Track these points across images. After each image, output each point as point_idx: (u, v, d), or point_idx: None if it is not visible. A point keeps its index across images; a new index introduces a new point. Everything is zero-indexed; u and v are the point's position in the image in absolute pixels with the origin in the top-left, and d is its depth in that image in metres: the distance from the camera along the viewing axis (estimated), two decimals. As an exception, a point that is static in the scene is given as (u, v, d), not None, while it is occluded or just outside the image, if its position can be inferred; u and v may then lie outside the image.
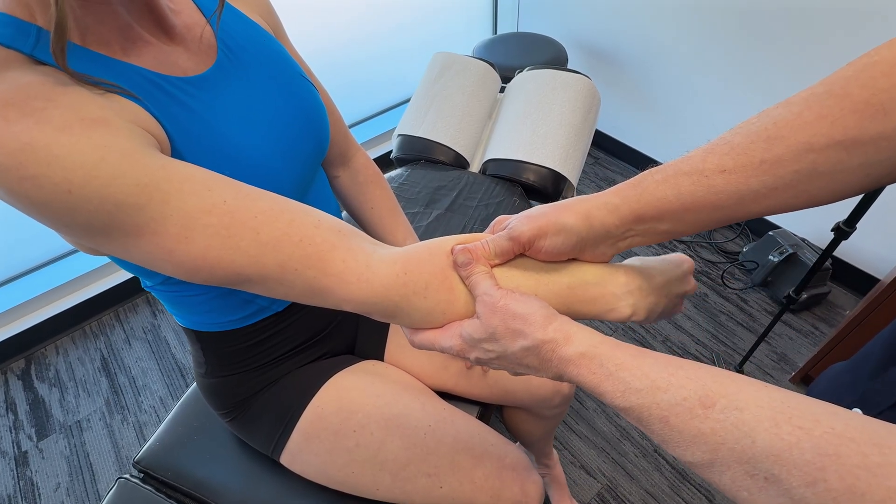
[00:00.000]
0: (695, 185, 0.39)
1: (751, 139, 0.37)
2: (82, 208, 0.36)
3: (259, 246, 0.40)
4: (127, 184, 0.37)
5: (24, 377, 1.61)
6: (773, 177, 0.36)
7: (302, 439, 0.71)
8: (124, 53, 0.46)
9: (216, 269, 0.40)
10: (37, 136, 0.34)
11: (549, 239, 0.42)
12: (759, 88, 1.61)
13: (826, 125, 0.34)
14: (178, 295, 0.62)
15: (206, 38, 0.54)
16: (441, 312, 0.44)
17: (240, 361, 0.71)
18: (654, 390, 0.34)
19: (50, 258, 1.66)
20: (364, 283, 0.42)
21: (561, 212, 0.43)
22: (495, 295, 0.41)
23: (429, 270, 0.43)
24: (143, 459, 0.83)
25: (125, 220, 0.37)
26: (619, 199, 0.42)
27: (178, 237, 0.39)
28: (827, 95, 0.35)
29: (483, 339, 0.41)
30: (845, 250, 1.63)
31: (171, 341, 1.69)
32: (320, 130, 0.65)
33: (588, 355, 0.37)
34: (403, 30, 2.06)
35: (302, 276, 0.41)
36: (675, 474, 1.31)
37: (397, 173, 1.33)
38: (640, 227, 0.43)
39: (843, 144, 0.34)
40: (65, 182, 0.35)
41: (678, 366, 0.35)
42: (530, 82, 1.37)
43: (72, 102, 0.37)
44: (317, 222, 0.43)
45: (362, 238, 0.45)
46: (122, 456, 1.42)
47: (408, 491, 0.70)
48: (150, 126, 0.44)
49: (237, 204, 0.40)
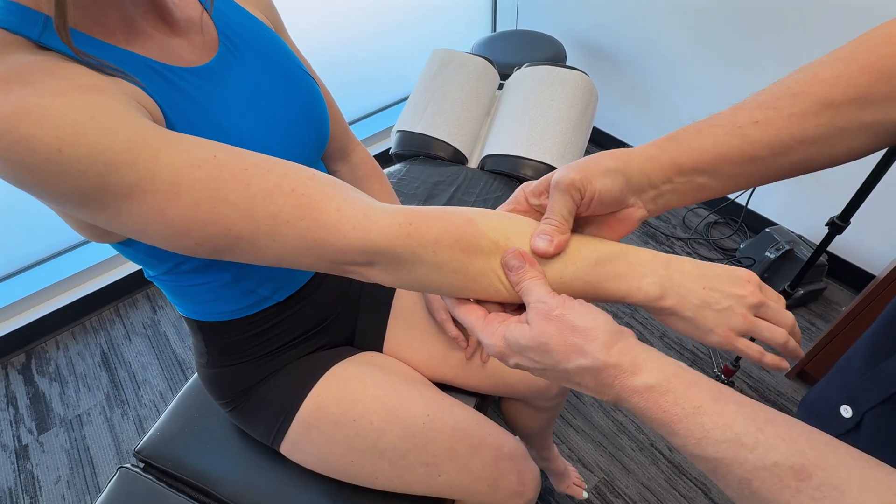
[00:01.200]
0: (730, 134, 0.40)
1: (776, 96, 0.40)
2: (73, 168, 0.36)
3: (249, 197, 0.38)
4: (117, 140, 0.37)
5: (25, 372, 1.61)
6: (800, 129, 0.39)
7: (302, 429, 0.72)
8: (128, 43, 0.47)
9: (207, 226, 0.39)
10: (31, 100, 0.35)
11: (600, 180, 0.39)
12: (757, 86, 1.61)
13: (842, 83, 0.38)
14: (180, 285, 0.63)
15: (207, 30, 0.55)
16: (454, 272, 0.41)
17: (241, 352, 0.72)
18: (738, 446, 0.30)
19: (50, 254, 1.67)
20: (361, 231, 0.39)
21: (599, 158, 0.41)
22: (551, 303, 0.37)
23: (439, 226, 0.40)
24: (143, 449, 0.83)
25: (116, 181, 0.37)
26: (656, 150, 0.42)
27: (168, 194, 0.38)
28: (837, 60, 0.39)
29: (531, 347, 0.37)
30: (841, 246, 1.64)
31: (170, 336, 1.69)
32: (321, 124, 0.66)
33: (659, 389, 0.33)
34: (403, 28, 2.07)
35: (295, 227, 0.39)
36: (671, 468, 1.32)
37: (396, 168, 1.34)
38: (679, 178, 0.42)
39: (857, 102, 0.38)
40: (56, 141, 0.35)
41: (767, 420, 0.31)
42: (528, 79, 1.37)
43: (71, 74, 0.38)
44: (311, 175, 0.41)
45: (360, 193, 0.43)
46: (122, 449, 1.43)
47: (407, 480, 0.71)
48: (152, 109, 0.45)
49: (227, 158, 0.39)
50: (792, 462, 0.29)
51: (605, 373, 0.35)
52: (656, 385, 0.33)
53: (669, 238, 1.91)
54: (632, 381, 0.34)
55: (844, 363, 0.52)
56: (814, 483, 0.28)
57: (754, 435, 0.30)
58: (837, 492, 0.27)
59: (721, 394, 0.33)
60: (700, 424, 0.31)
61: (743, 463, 0.30)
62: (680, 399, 0.32)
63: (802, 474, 0.28)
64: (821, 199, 1.62)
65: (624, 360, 0.34)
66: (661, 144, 0.42)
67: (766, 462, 0.29)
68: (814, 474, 0.28)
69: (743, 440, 0.30)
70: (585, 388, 0.37)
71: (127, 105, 0.40)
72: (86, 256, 1.72)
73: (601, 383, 0.35)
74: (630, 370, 0.34)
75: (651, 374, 0.34)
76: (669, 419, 0.32)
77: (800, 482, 0.28)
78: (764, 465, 0.29)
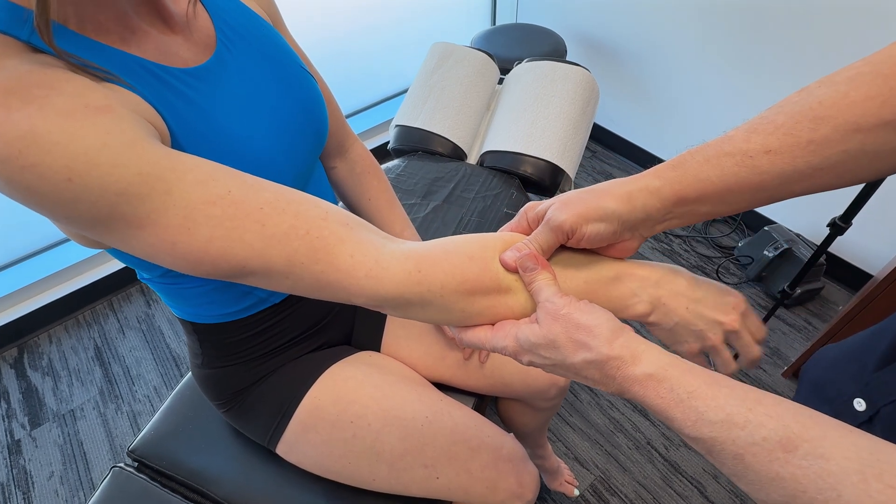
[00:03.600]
0: (738, 165, 0.38)
1: (796, 119, 0.36)
2: (84, 198, 0.35)
3: (265, 239, 0.39)
4: (130, 172, 0.36)
5: (17, 366, 1.60)
6: (820, 157, 0.36)
7: (299, 430, 0.71)
8: (123, 43, 0.45)
9: (220, 262, 0.39)
10: (38, 124, 0.33)
11: (591, 226, 0.41)
12: (759, 82, 1.61)
13: (875, 106, 0.34)
14: (174, 287, 0.62)
15: (204, 27, 0.53)
16: (461, 311, 0.43)
17: (237, 352, 0.70)
18: (730, 426, 0.32)
19: (43, 246, 1.65)
20: (373, 280, 0.41)
21: (601, 197, 0.41)
22: (558, 303, 0.39)
23: (444, 270, 0.42)
24: (137, 448, 0.82)
25: (127, 211, 0.37)
26: (660, 182, 0.41)
27: (181, 228, 0.38)
28: (874, 75, 0.35)
29: (541, 345, 0.40)
30: (839, 246, 1.64)
31: (165, 331, 1.68)
32: (319, 123, 0.64)
33: (657, 377, 0.36)
34: (402, 20, 2.04)
35: (309, 270, 0.40)
36: (667, 466, 1.32)
37: (394, 164, 1.33)
38: (680, 209, 0.41)
39: (892, 125, 0.34)
40: (66, 170, 0.34)
41: (756, 400, 0.33)
42: (529, 74, 1.36)
43: (75, 90, 0.36)
44: (324, 214, 0.42)
45: (371, 230, 0.44)
46: (115, 445, 1.42)
47: (404, 482, 0.70)
48: (152, 117, 0.44)
49: (242, 195, 0.39)
50: (780, 436, 0.31)
51: (608, 365, 0.37)
52: (654, 373, 0.36)
53: (668, 235, 1.90)
54: (632, 371, 0.36)
55: (857, 353, 0.53)
56: (800, 453, 0.30)
57: (744, 414, 0.32)
58: (823, 459, 0.29)
59: (714, 379, 0.35)
60: (694, 408, 0.34)
61: (735, 440, 0.32)
62: (675, 386, 0.35)
63: (789, 446, 0.30)
64: (820, 198, 1.60)
65: (625, 352, 0.37)
66: (664, 174, 0.41)
67: (756, 438, 0.31)
68: (800, 446, 0.30)
69: (735, 419, 0.32)
70: (592, 380, 0.39)
71: (136, 128, 0.38)
72: (79, 249, 1.70)
73: (605, 375, 0.38)
74: (631, 361, 0.37)
75: (649, 363, 0.36)
76: (666, 405, 0.35)
77: (787, 454, 0.30)
78: (754, 440, 0.31)
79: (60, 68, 0.37)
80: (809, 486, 0.29)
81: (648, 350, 0.37)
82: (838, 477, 0.28)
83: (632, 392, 0.37)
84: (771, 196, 0.39)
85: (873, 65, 0.35)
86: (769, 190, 0.38)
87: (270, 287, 0.42)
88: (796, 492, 0.29)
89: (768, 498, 0.31)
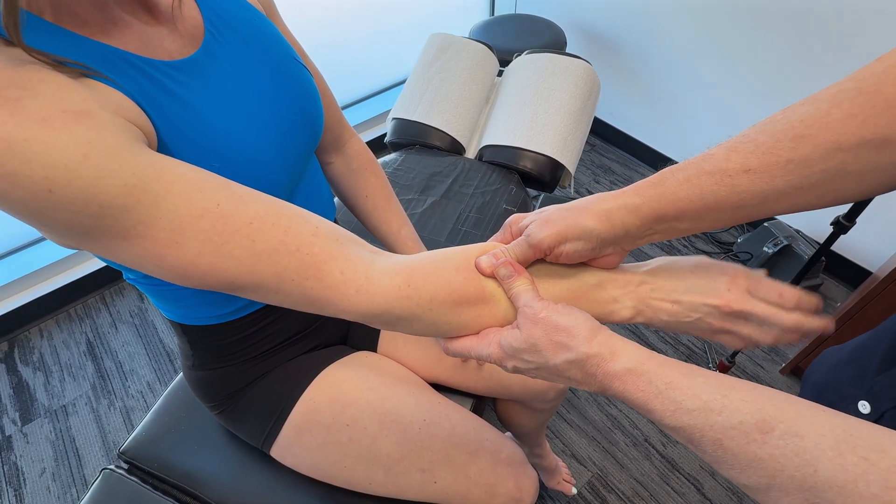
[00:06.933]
0: (717, 184, 0.37)
1: (776, 137, 0.36)
2: (65, 209, 0.33)
3: (254, 255, 0.38)
4: (113, 184, 0.34)
5: (8, 360, 1.57)
6: (800, 176, 0.35)
7: (293, 433, 0.69)
8: (104, 34, 0.43)
9: (208, 277, 0.38)
10: (13, 131, 0.31)
11: (569, 244, 0.42)
12: (759, 77, 1.59)
13: (856, 124, 0.33)
14: (162, 289, 0.60)
15: (191, 17, 0.50)
16: (447, 323, 0.43)
17: (229, 354, 0.69)
18: (707, 412, 0.33)
19: (33, 239, 1.62)
20: (363, 296, 0.41)
21: (580, 214, 0.42)
22: (536, 307, 0.40)
23: (433, 283, 0.42)
24: (128, 450, 0.81)
25: (111, 223, 0.35)
26: (639, 199, 0.41)
27: (168, 242, 0.36)
28: (857, 93, 0.33)
29: (523, 349, 0.41)
30: (838, 243, 1.62)
31: (158, 325, 1.66)
32: (314, 119, 0.62)
33: (635, 372, 0.36)
34: (399, 9, 2.01)
35: (299, 286, 0.40)
36: (664, 463, 1.32)
37: (391, 158, 1.30)
38: (660, 226, 0.42)
39: (873, 143, 0.33)
40: (45, 181, 0.32)
41: (731, 386, 0.34)
42: (529, 66, 1.33)
43: (51, 92, 0.34)
44: (314, 230, 0.41)
45: (361, 246, 0.44)
46: (108, 441, 1.40)
47: (401, 486, 0.69)
48: (135, 117, 0.41)
49: (231, 207, 0.38)
50: (755, 419, 0.31)
51: (588, 363, 0.38)
52: (633, 368, 0.37)
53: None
54: (612, 367, 0.37)
55: (859, 354, 0.53)
56: (776, 434, 0.31)
57: (720, 401, 0.33)
58: (798, 437, 0.30)
59: (689, 370, 0.36)
60: (672, 398, 0.34)
61: (713, 426, 0.33)
62: (654, 378, 0.36)
63: (765, 428, 0.31)
64: (820, 194, 1.60)
65: (604, 349, 0.38)
66: (644, 192, 0.41)
67: (732, 422, 0.32)
68: (775, 426, 0.31)
69: (711, 406, 0.33)
70: (574, 381, 0.40)
71: (118, 136, 0.36)
72: (70, 242, 1.67)
73: (586, 373, 0.39)
74: (610, 357, 0.38)
75: (627, 358, 0.37)
76: (646, 397, 0.36)
77: (763, 435, 0.31)
78: (731, 424, 0.32)
79: (34, 64, 0.35)
80: (787, 463, 0.30)
81: (625, 346, 0.38)
82: (814, 453, 0.29)
83: (613, 388, 0.37)
84: (750, 214, 0.39)
85: (856, 81, 0.34)
86: (748, 208, 0.38)
87: (258, 300, 0.42)
88: (774, 471, 0.30)
89: (749, 480, 0.32)
